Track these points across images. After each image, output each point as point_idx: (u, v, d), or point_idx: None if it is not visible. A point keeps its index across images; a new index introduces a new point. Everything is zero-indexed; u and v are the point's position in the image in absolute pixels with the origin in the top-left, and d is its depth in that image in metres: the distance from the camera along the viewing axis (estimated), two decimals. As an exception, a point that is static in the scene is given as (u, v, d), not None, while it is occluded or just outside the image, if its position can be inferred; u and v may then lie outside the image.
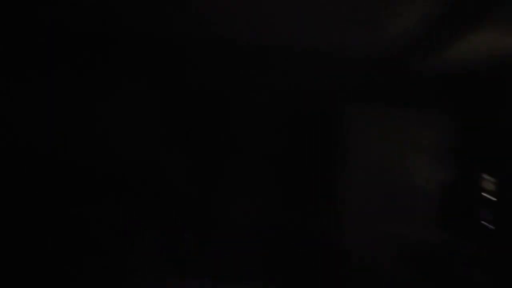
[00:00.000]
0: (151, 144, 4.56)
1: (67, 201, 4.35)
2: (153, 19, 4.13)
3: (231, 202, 4.61)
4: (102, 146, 4.48)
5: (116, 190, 4.41)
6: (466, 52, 4.08)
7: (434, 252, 4.48)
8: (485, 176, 4.61)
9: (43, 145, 4.42)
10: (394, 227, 4.57)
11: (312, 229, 4.58)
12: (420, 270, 4.47)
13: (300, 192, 4.64)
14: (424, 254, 4.49)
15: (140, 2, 3.76)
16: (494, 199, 4.47)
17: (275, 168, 4.65)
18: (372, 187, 4.61)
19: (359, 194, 4.61)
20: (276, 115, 4.71)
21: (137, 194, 4.44)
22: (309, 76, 4.76)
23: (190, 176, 4.58)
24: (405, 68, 4.63)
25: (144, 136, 4.56)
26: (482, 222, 4.55)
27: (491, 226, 4.44)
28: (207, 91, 4.68)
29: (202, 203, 4.57)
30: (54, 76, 4.52)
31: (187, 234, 4.37)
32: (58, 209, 4.32)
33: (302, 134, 4.68)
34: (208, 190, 4.60)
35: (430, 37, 3.85)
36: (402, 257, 4.49)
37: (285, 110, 4.70)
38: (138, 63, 4.63)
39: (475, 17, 3.29)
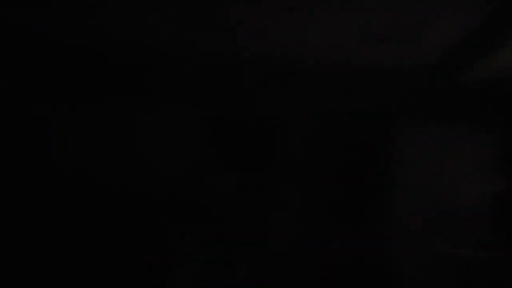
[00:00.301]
0: (199, 166, 4.59)
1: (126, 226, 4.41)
2: (197, 44, 4.20)
3: (280, 223, 4.57)
4: (153, 171, 4.54)
5: (166, 212, 4.45)
6: None
7: (488, 270, 4.27)
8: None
9: (92, 173, 4.51)
10: (447, 243, 4.41)
11: (361, 248, 4.48)
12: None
13: (349, 210, 4.55)
14: (479, 272, 4.29)
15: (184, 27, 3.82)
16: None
17: (324, 188, 4.60)
18: (423, 202, 4.47)
19: (409, 210, 4.48)
20: (323, 134, 4.66)
21: (187, 216, 4.46)
22: (354, 93, 4.71)
23: (239, 197, 4.58)
24: (453, 81, 4.52)
25: (192, 158, 4.60)
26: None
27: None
28: (255, 113, 4.69)
29: (251, 224, 4.55)
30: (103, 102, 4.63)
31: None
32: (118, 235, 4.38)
33: (350, 151, 4.61)
34: (256, 212, 4.59)
35: (477, 49, 3.75)
36: (454, 275, 4.30)
37: (333, 128, 4.65)
38: (187, 88, 4.71)
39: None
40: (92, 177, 4.50)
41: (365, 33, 3.74)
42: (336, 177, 4.60)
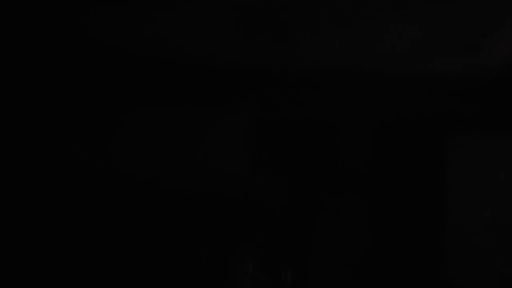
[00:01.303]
0: (250, 173, 4.63)
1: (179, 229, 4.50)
2: (251, 50, 4.22)
3: (330, 236, 4.53)
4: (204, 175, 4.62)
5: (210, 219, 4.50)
6: None
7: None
8: None
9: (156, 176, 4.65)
10: (503, 264, 4.23)
11: (416, 263, 4.37)
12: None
13: (403, 224, 4.46)
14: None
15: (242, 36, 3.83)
16: None
17: (376, 199, 4.52)
18: (481, 220, 4.30)
19: (467, 229, 4.32)
20: (379, 142, 4.59)
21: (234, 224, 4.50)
22: (412, 103, 4.61)
23: (290, 206, 4.59)
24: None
25: (243, 164, 4.64)
26: None
27: None
28: (310, 121, 4.69)
29: (300, 233, 4.54)
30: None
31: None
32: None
33: (406, 162, 4.52)
34: (307, 220, 4.57)
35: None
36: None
37: (390, 137, 4.57)
38: (242, 95, 4.77)
39: None
40: (146, 179, 4.62)
41: (428, 41, 3.65)
42: (392, 189, 4.51)
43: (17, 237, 4.35)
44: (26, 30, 4.27)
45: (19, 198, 4.47)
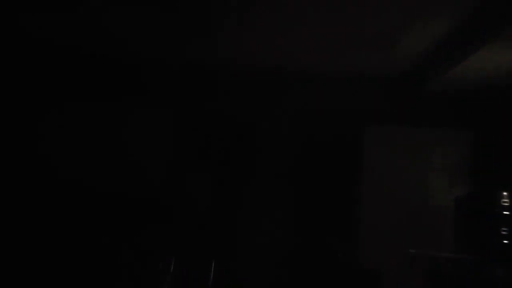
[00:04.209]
0: (173, 169, 4.60)
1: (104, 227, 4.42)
2: (172, 45, 4.23)
3: (251, 225, 4.61)
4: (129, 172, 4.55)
5: (139, 215, 4.46)
6: (483, 68, 4.07)
7: (454, 272, 4.38)
8: (506, 193, 4.51)
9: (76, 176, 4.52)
10: (412, 246, 4.50)
11: (330, 249, 4.56)
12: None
13: (319, 213, 4.63)
14: (443, 274, 4.39)
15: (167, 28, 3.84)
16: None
17: (294, 190, 4.66)
18: (389, 206, 4.58)
19: (376, 214, 4.58)
20: (293, 137, 4.73)
21: (162, 219, 4.47)
22: (325, 98, 4.79)
23: (212, 199, 4.61)
24: (421, 87, 4.63)
25: (166, 158, 4.60)
26: (504, 241, 4.43)
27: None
28: (227, 116, 4.74)
29: (224, 226, 4.58)
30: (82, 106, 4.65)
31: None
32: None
33: (320, 155, 4.70)
34: (229, 213, 4.62)
35: (445, 55, 3.85)
36: (419, 277, 4.40)
37: (303, 131, 4.73)
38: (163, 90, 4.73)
39: (489, 34, 3.30)
40: (65, 177, 4.51)
41: (339, 39, 3.82)
42: (307, 180, 4.69)
43: None
44: None
45: None
